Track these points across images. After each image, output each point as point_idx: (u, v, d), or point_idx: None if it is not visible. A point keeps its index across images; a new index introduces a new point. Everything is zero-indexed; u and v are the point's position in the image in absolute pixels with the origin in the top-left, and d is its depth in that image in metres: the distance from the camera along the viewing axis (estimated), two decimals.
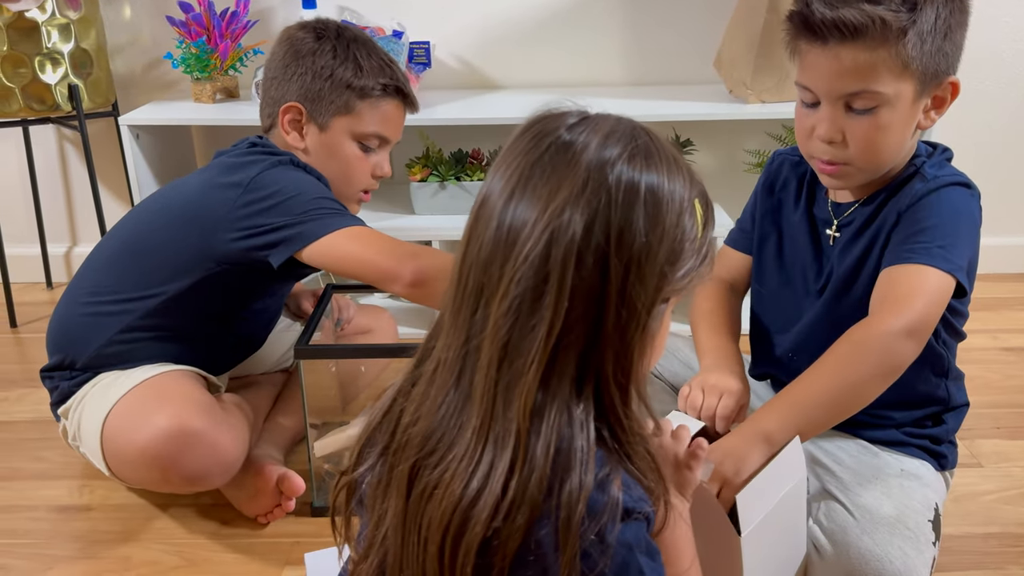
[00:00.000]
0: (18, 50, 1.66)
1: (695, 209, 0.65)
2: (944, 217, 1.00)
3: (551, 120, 0.65)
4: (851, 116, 0.99)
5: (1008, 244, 2.09)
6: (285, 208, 1.14)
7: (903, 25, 0.93)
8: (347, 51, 1.24)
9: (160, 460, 1.09)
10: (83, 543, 1.21)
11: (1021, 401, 1.55)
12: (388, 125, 1.29)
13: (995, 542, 1.19)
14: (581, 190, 0.60)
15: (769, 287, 1.20)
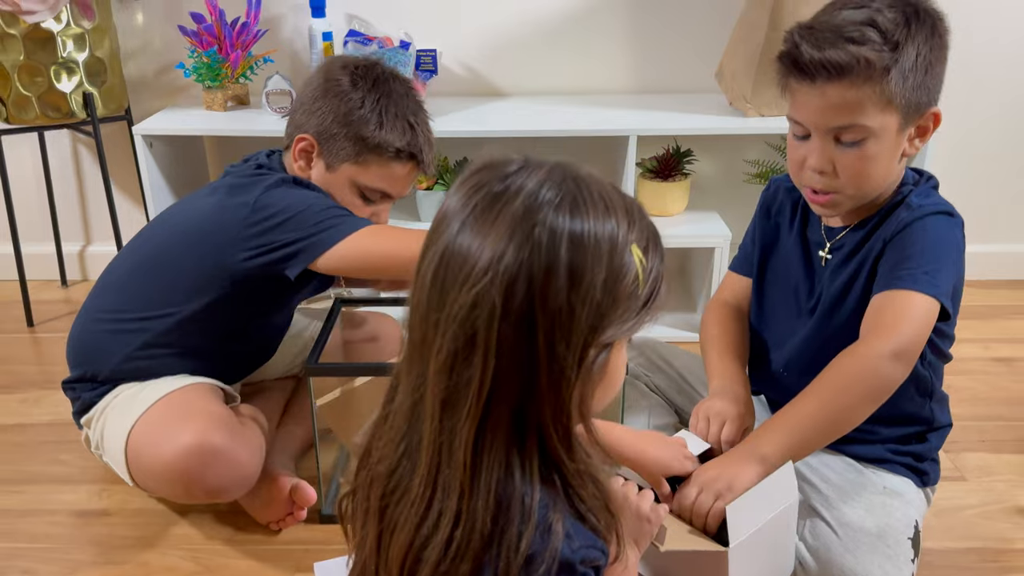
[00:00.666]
0: (34, 60, 1.70)
1: (633, 256, 0.65)
2: (929, 244, 1.05)
3: (485, 173, 0.66)
4: (840, 148, 1.04)
5: (1003, 251, 2.13)
6: (296, 223, 1.18)
7: (886, 64, 0.99)
8: (375, 104, 1.25)
9: (184, 475, 1.14)
10: (103, 548, 1.27)
11: (1007, 414, 1.60)
12: (394, 184, 1.30)
13: (975, 557, 1.24)
14: (502, 253, 0.61)
15: (766, 306, 1.26)
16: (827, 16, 1.04)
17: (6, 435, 1.54)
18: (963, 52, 1.88)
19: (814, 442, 1.04)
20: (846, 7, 1.03)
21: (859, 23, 1.00)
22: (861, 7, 1.02)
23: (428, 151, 1.30)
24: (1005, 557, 1.24)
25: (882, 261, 1.07)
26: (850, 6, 1.03)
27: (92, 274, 2.19)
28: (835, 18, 1.02)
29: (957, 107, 2.00)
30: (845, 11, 1.03)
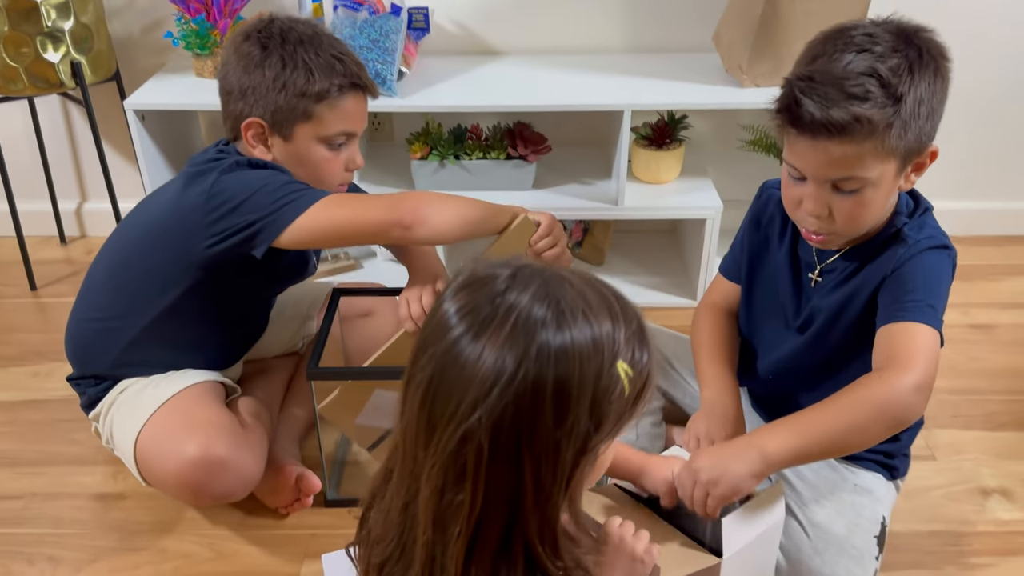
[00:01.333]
0: (19, 31, 1.67)
1: (619, 371, 0.68)
2: (929, 279, 1.07)
3: (474, 293, 0.68)
4: (837, 195, 1.05)
5: (992, 208, 2.15)
6: (252, 203, 1.18)
7: (889, 120, 0.98)
8: (295, 57, 1.22)
9: (191, 485, 1.21)
10: (122, 533, 1.35)
11: (981, 387, 1.66)
12: (351, 120, 1.28)
13: (937, 540, 1.33)
14: (488, 390, 0.64)
15: (754, 314, 1.30)
16: (828, 62, 1.00)
17: (22, 412, 1.61)
18: (958, 12, 1.87)
19: (819, 453, 1.05)
20: (848, 48, 1.00)
21: (861, 74, 0.98)
22: (863, 50, 0.99)
23: (362, 72, 1.28)
24: (966, 540, 1.34)
25: (882, 293, 1.09)
26: (852, 48, 1.00)
27: (90, 230, 2.21)
28: (836, 66, 0.99)
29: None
30: (847, 55, 0.99)
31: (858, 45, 1.00)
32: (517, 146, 1.81)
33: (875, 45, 0.99)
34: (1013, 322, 1.86)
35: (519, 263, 0.70)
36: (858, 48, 0.99)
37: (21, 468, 1.48)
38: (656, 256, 2.03)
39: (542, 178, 1.87)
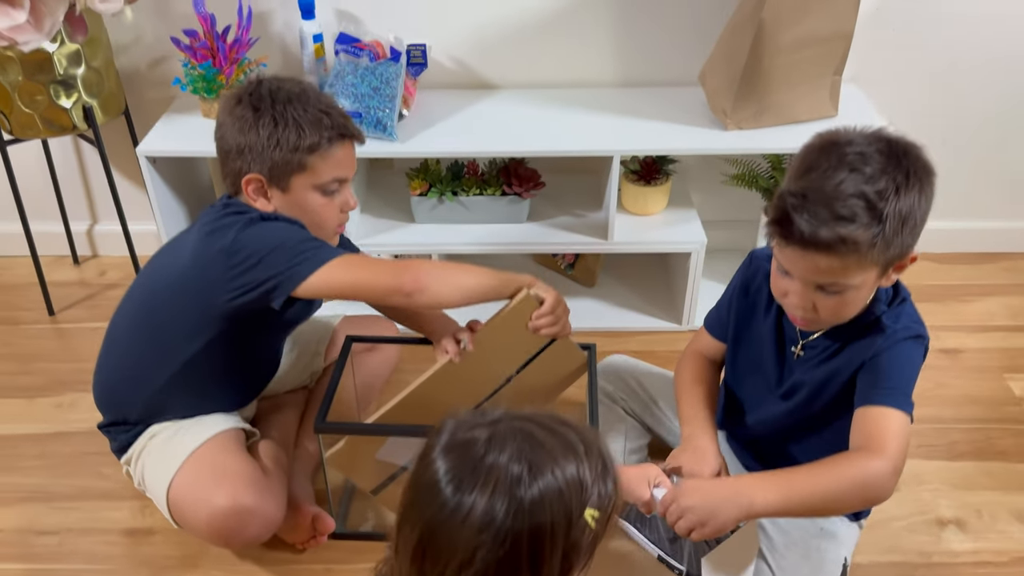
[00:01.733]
0: (33, 80, 1.74)
1: (587, 519, 0.77)
2: (904, 367, 1.19)
3: (456, 458, 0.76)
4: (820, 294, 1.14)
5: (969, 227, 2.25)
6: (271, 260, 1.27)
7: (872, 240, 1.06)
8: (285, 115, 1.30)
9: (222, 533, 1.33)
10: (152, 569, 1.48)
11: (945, 415, 1.78)
12: (341, 167, 1.37)
13: (894, 571, 1.47)
14: (472, 552, 0.73)
15: (738, 372, 1.41)
16: (821, 177, 1.07)
17: (51, 445, 1.72)
18: (931, 40, 1.94)
19: (798, 513, 1.20)
20: (841, 166, 1.06)
21: (850, 196, 1.05)
22: (854, 170, 1.06)
23: (348, 122, 1.37)
24: (920, 572, 1.47)
25: (861, 375, 1.20)
26: (844, 166, 1.06)
27: (101, 251, 2.30)
28: (828, 184, 1.06)
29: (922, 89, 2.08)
30: (839, 174, 1.06)
31: (850, 164, 1.06)
32: (512, 183, 1.89)
33: (865, 166, 1.06)
34: (979, 347, 1.98)
35: (495, 420, 0.79)
36: (850, 167, 1.06)
37: (55, 503, 1.60)
38: (645, 280, 2.14)
39: (536, 210, 1.97)
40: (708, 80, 1.86)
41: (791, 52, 1.71)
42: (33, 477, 1.66)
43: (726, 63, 1.77)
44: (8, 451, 1.71)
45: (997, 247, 2.29)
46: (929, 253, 2.28)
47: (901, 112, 2.05)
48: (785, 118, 1.82)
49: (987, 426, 1.76)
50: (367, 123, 1.77)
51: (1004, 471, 1.66)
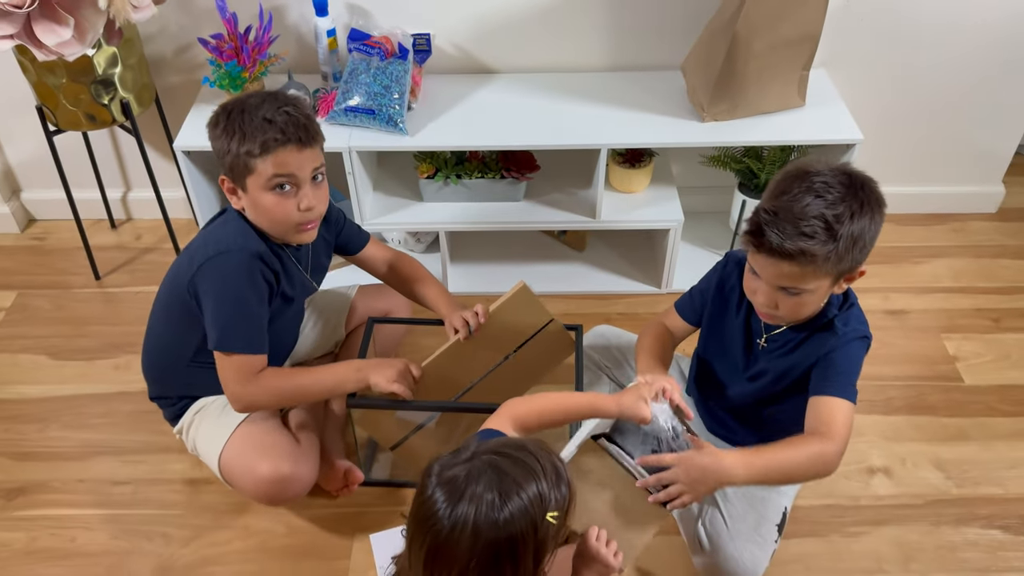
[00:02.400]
0: (76, 82, 1.92)
1: (549, 521, 1.02)
2: (851, 364, 1.44)
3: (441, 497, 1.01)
4: (783, 294, 1.38)
5: (920, 192, 2.48)
6: (210, 314, 1.51)
7: (827, 254, 1.29)
8: (232, 125, 1.47)
9: (266, 496, 1.61)
10: (214, 514, 1.78)
11: (886, 373, 2.06)
12: (286, 167, 1.48)
13: (828, 513, 1.77)
14: (467, 564, 1.00)
15: (711, 352, 1.65)
16: (791, 200, 1.29)
17: (113, 404, 1.99)
18: (895, 28, 2.12)
19: (760, 484, 1.51)
20: (808, 192, 1.28)
21: (813, 217, 1.27)
22: (819, 196, 1.27)
23: (294, 128, 1.47)
24: (850, 513, 1.78)
25: (815, 369, 1.45)
26: (811, 193, 1.28)
27: (135, 214, 2.52)
28: (796, 206, 1.28)
29: (874, 65, 2.26)
30: (806, 198, 1.28)
31: (815, 191, 1.28)
32: (510, 167, 2.10)
33: (828, 193, 1.28)
34: (923, 308, 2.24)
35: (469, 458, 1.04)
36: (815, 194, 1.28)
37: (124, 456, 1.89)
38: (631, 247, 2.37)
39: (532, 189, 2.18)
40: (688, 75, 2.04)
41: (763, 56, 1.89)
42: (102, 433, 1.94)
43: (704, 65, 1.95)
44: (77, 410, 1.99)
45: (947, 209, 2.52)
46: (890, 215, 2.51)
47: (867, 91, 2.24)
48: (757, 110, 2.01)
49: (921, 383, 2.04)
50: (380, 119, 1.97)
51: (931, 424, 1.95)
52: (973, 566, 1.68)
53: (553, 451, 1.10)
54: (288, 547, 1.72)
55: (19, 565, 1.69)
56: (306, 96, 2.01)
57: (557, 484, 1.06)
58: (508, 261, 2.33)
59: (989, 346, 2.13)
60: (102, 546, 1.72)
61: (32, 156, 2.37)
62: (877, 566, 1.69)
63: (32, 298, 2.27)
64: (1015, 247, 2.42)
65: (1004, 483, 1.82)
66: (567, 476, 1.09)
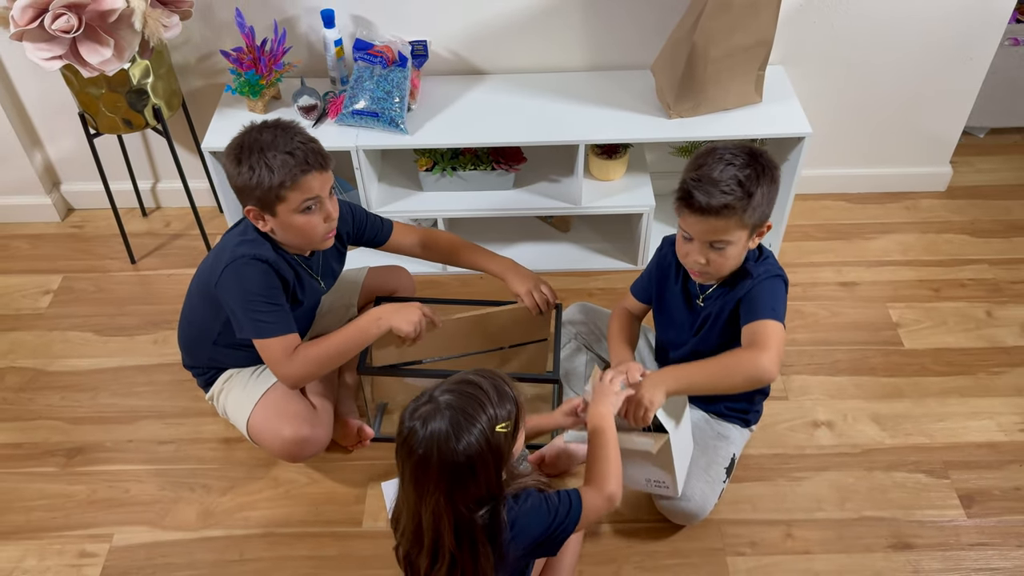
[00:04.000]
0: (114, 92, 2.17)
1: (499, 432, 1.30)
2: (771, 294, 1.69)
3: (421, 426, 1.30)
4: (710, 249, 1.64)
5: (878, 172, 2.72)
6: (233, 308, 1.73)
7: (744, 207, 1.58)
8: (259, 163, 1.63)
9: (289, 455, 1.89)
10: (246, 467, 2.06)
11: (833, 339, 2.32)
12: (311, 191, 1.67)
13: (775, 460, 2.05)
14: (437, 478, 1.28)
15: (661, 324, 1.93)
16: (709, 170, 1.57)
17: (154, 375, 2.28)
18: (848, 24, 2.35)
19: (698, 391, 1.71)
20: (721, 162, 1.57)
21: (728, 179, 1.56)
22: (729, 164, 1.57)
23: (313, 157, 1.65)
24: (794, 461, 2.05)
25: (741, 307, 1.70)
26: (723, 162, 1.57)
27: (164, 203, 2.78)
28: (714, 172, 1.57)
29: (838, 50, 2.49)
30: (719, 166, 1.57)
31: (726, 160, 1.59)
32: (500, 160, 2.36)
33: (735, 160, 1.58)
34: (874, 279, 2.50)
35: (428, 399, 1.32)
36: (726, 162, 1.58)
37: (167, 420, 2.17)
38: (610, 227, 2.63)
39: (520, 178, 2.44)
40: (657, 76, 2.28)
41: (719, 61, 2.13)
42: (146, 400, 2.22)
43: (669, 68, 2.19)
44: (124, 380, 2.28)
45: (901, 188, 2.76)
46: (846, 194, 2.77)
47: (823, 84, 2.48)
48: (718, 107, 2.26)
49: (866, 347, 2.31)
50: (383, 121, 2.22)
51: (871, 383, 2.22)
52: (899, 504, 1.96)
53: (498, 374, 1.37)
54: (311, 495, 2.01)
55: (83, 513, 1.99)
56: (316, 101, 2.27)
57: (502, 403, 1.33)
58: (501, 242, 2.59)
59: (928, 314, 2.39)
60: (152, 496, 2.01)
61: (71, 153, 2.64)
62: (817, 505, 1.97)
63: (76, 281, 2.55)
64: (959, 223, 2.67)
65: (932, 434, 2.10)
66: (512, 393, 1.36)
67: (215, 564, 1.88)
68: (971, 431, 2.10)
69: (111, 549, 1.91)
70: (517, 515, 1.38)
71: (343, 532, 1.93)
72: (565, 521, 1.42)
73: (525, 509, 1.39)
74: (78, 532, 1.95)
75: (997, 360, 2.26)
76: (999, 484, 1.99)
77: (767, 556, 1.87)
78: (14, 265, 2.61)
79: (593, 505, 1.46)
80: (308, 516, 1.97)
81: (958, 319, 2.37)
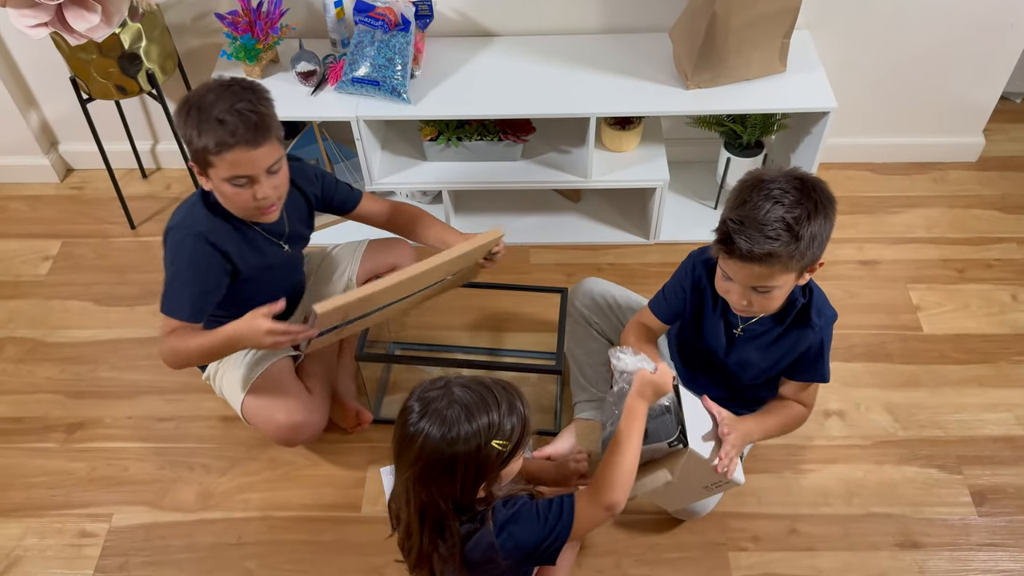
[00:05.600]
0: (105, 56, 2.08)
1: (495, 447, 1.25)
2: (829, 344, 1.65)
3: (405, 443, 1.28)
4: (754, 293, 1.52)
5: (905, 142, 2.59)
6: (167, 272, 1.73)
7: (791, 253, 1.43)
8: (191, 120, 1.54)
9: (283, 439, 1.85)
10: (246, 447, 2.04)
11: (850, 322, 2.23)
12: (240, 167, 1.56)
13: (784, 452, 1.99)
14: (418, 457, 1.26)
15: (688, 337, 1.81)
16: (752, 208, 1.42)
17: (154, 348, 2.24)
18: None
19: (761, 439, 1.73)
20: (767, 200, 1.41)
21: (775, 221, 1.40)
22: (777, 202, 1.41)
23: (244, 130, 1.52)
24: (803, 452, 2.00)
25: (800, 360, 1.65)
26: (770, 199, 1.41)
27: (164, 164, 2.71)
28: (758, 214, 1.40)
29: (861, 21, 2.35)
30: (766, 204, 1.41)
31: (773, 198, 1.41)
32: (508, 130, 2.25)
33: (785, 197, 1.41)
34: (895, 258, 2.40)
35: (444, 384, 1.29)
36: (773, 200, 1.41)
37: (167, 395, 2.15)
38: (622, 198, 2.53)
39: (528, 150, 2.34)
40: (675, 43, 2.15)
41: (742, 30, 2.00)
42: (146, 374, 2.20)
43: (688, 37, 2.07)
44: (123, 352, 2.25)
45: (929, 158, 2.63)
46: (871, 163, 2.64)
47: (851, 48, 2.34)
48: (739, 78, 2.13)
49: (883, 332, 2.23)
50: (384, 90, 2.12)
51: (886, 371, 2.15)
52: (908, 500, 1.91)
53: (516, 391, 1.32)
54: (310, 477, 1.99)
55: (83, 491, 1.98)
56: (316, 66, 2.16)
57: (509, 415, 1.29)
58: (508, 212, 2.51)
59: (951, 296, 2.30)
60: (152, 475, 2.00)
61: (67, 113, 2.56)
62: (823, 500, 1.92)
63: (75, 247, 2.50)
64: (990, 197, 2.55)
65: (946, 427, 2.03)
66: (523, 411, 1.31)
67: (213, 547, 1.88)
68: (988, 424, 2.04)
69: (110, 529, 1.92)
70: (506, 520, 1.34)
71: (341, 517, 1.92)
72: (556, 528, 1.38)
73: (514, 514, 1.35)
74: (78, 511, 1.95)
75: (1020, 348, 2.17)
76: (1013, 481, 1.93)
77: (770, 552, 1.84)
78: (13, 228, 2.57)
79: (587, 514, 1.41)
80: (307, 500, 1.95)
81: (981, 302, 2.28)
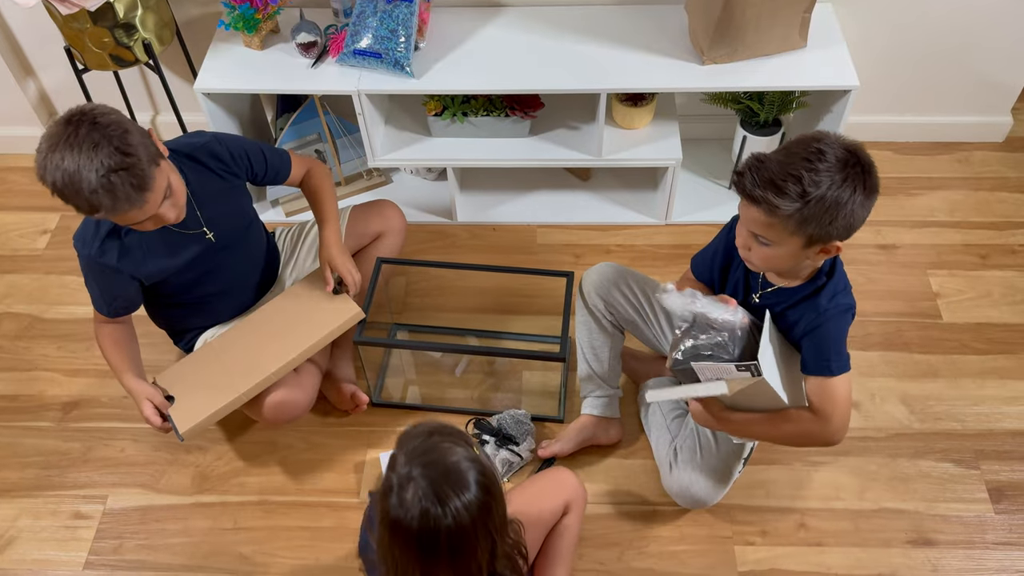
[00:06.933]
0: (99, 26, 2.01)
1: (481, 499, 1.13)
2: (838, 334, 1.51)
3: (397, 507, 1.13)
4: (754, 241, 1.44)
5: (929, 121, 2.49)
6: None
7: (790, 213, 1.32)
8: (71, 200, 1.45)
9: (269, 418, 1.79)
10: (242, 430, 2.00)
11: (868, 310, 2.15)
12: (136, 217, 1.52)
13: None
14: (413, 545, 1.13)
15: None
16: (787, 155, 1.33)
17: (152, 326, 2.17)
18: None
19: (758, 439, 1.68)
20: (806, 153, 1.31)
21: (791, 174, 1.30)
22: (807, 160, 1.30)
23: (124, 199, 1.44)
24: None
25: (806, 342, 1.53)
26: (807, 153, 1.31)
27: (165, 136, 2.65)
28: (784, 160, 1.32)
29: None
30: (794, 154, 1.32)
31: (812, 154, 1.31)
32: (515, 106, 2.18)
33: (820, 161, 1.31)
34: (913, 242, 2.31)
35: (409, 464, 1.14)
36: (806, 157, 1.31)
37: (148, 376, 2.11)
38: (633, 177, 2.45)
39: (537, 126, 2.26)
40: (691, 16, 2.06)
41: (761, 4, 1.91)
42: (143, 354, 2.10)
43: (705, 10, 1.97)
44: None
45: (954, 137, 2.53)
46: (893, 143, 2.55)
47: (875, 22, 2.23)
48: (757, 53, 2.04)
49: (901, 319, 2.15)
50: (387, 63, 2.04)
51: (903, 360, 2.08)
52: (922, 496, 1.85)
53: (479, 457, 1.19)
54: (308, 461, 1.95)
55: (78, 472, 1.95)
56: (316, 37, 2.08)
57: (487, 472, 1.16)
58: (514, 190, 2.44)
59: (973, 283, 2.22)
60: (148, 457, 1.97)
61: (65, 84, 2.49)
62: (835, 494, 1.87)
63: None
64: (1016, 179, 2.45)
65: (964, 419, 1.97)
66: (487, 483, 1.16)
67: (208, 531, 1.85)
68: (1007, 417, 1.97)
69: (105, 511, 1.89)
70: None
71: (339, 503, 1.88)
72: None
73: None
74: (72, 492, 1.92)
75: None
76: None
77: (777, 547, 1.79)
78: (11, 201, 2.52)
79: None
80: (304, 484, 1.91)
81: (1004, 290, 2.20)
